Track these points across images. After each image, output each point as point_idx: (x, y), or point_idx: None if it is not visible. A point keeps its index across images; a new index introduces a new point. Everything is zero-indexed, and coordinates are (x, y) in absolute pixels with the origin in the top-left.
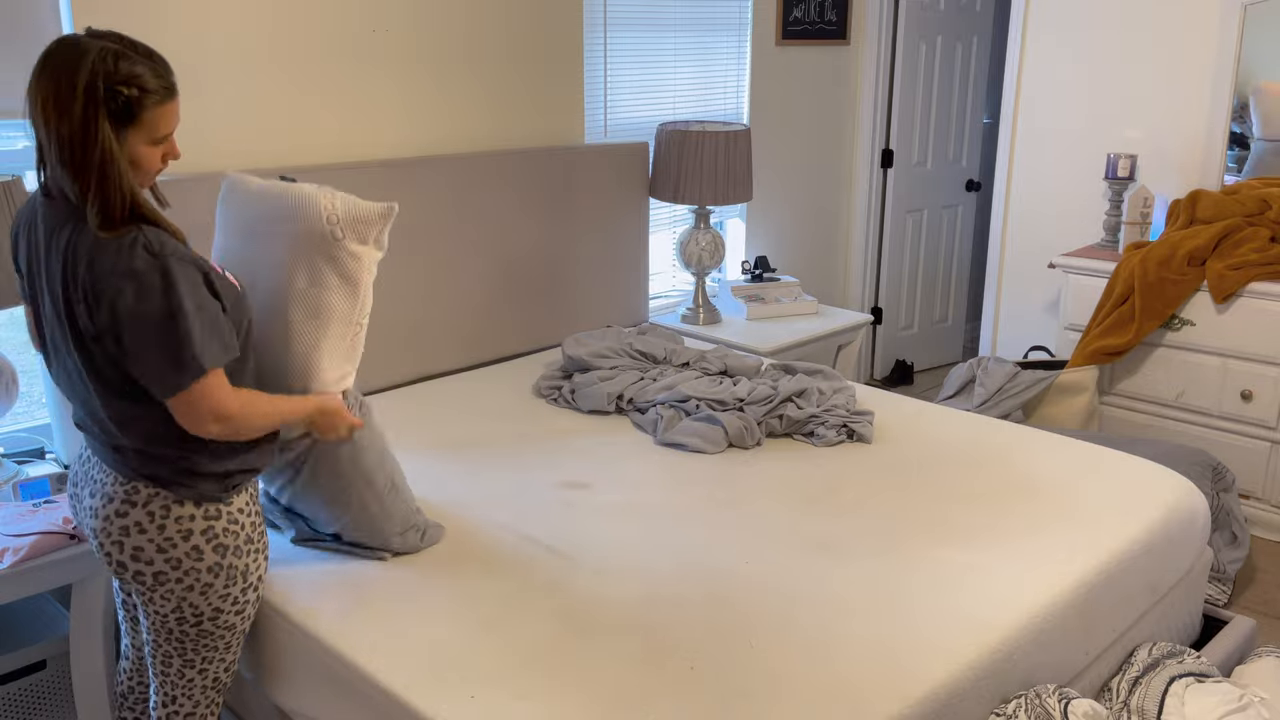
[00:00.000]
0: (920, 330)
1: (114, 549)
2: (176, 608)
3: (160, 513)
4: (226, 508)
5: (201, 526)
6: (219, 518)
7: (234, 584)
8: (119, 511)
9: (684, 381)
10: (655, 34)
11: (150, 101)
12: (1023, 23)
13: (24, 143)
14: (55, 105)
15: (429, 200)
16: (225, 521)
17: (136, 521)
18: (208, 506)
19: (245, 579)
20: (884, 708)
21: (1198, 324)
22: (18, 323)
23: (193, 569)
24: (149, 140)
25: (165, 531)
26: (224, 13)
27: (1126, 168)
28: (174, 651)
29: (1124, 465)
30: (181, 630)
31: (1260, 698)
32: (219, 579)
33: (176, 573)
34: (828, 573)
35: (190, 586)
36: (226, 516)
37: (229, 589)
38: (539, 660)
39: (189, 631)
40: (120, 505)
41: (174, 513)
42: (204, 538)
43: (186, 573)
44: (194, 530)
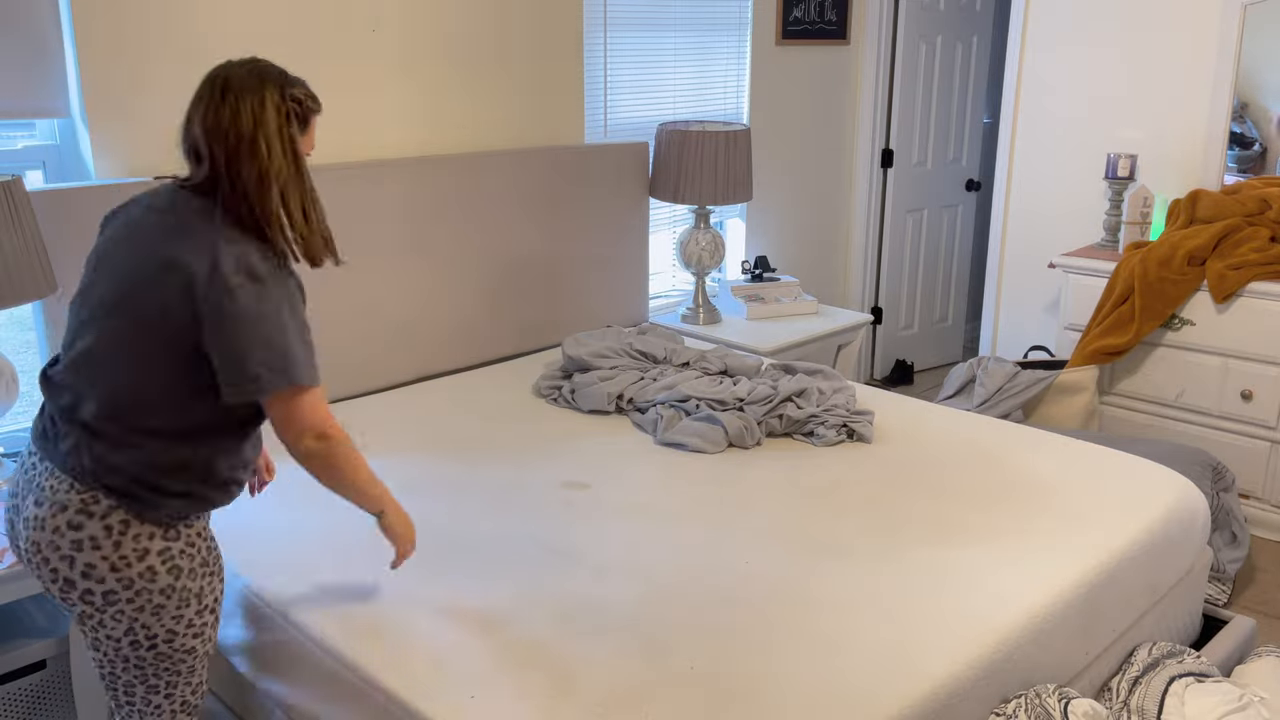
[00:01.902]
0: (920, 330)
1: (62, 564)
2: (129, 629)
3: (119, 528)
4: (186, 530)
5: (159, 547)
6: (177, 539)
7: (186, 606)
8: (72, 523)
9: (684, 381)
10: (655, 34)
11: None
12: (1023, 23)
13: (24, 143)
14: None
15: (429, 200)
16: (183, 544)
17: (91, 536)
18: (168, 528)
19: (200, 601)
20: (884, 708)
21: (1198, 324)
22: (18, 322)
23: (144, 589)
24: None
25: (121, 549)
26: (224, 13)
27: (1126, 168)
28: (136, 679)
29: (1124, 465)
30: (138, 655)
31: (1260, 697)
32: (171, 600)
33: (128, 593)
34: (828, 572)
35: (141, 608)
36: (185, 539)
37: (182, 611)
38: (539, 660)
39: (145, 656)
40: (74, 516)
41: (132, 529)
42: (160, 559)
43: (138, 593)
44: (150, 550)
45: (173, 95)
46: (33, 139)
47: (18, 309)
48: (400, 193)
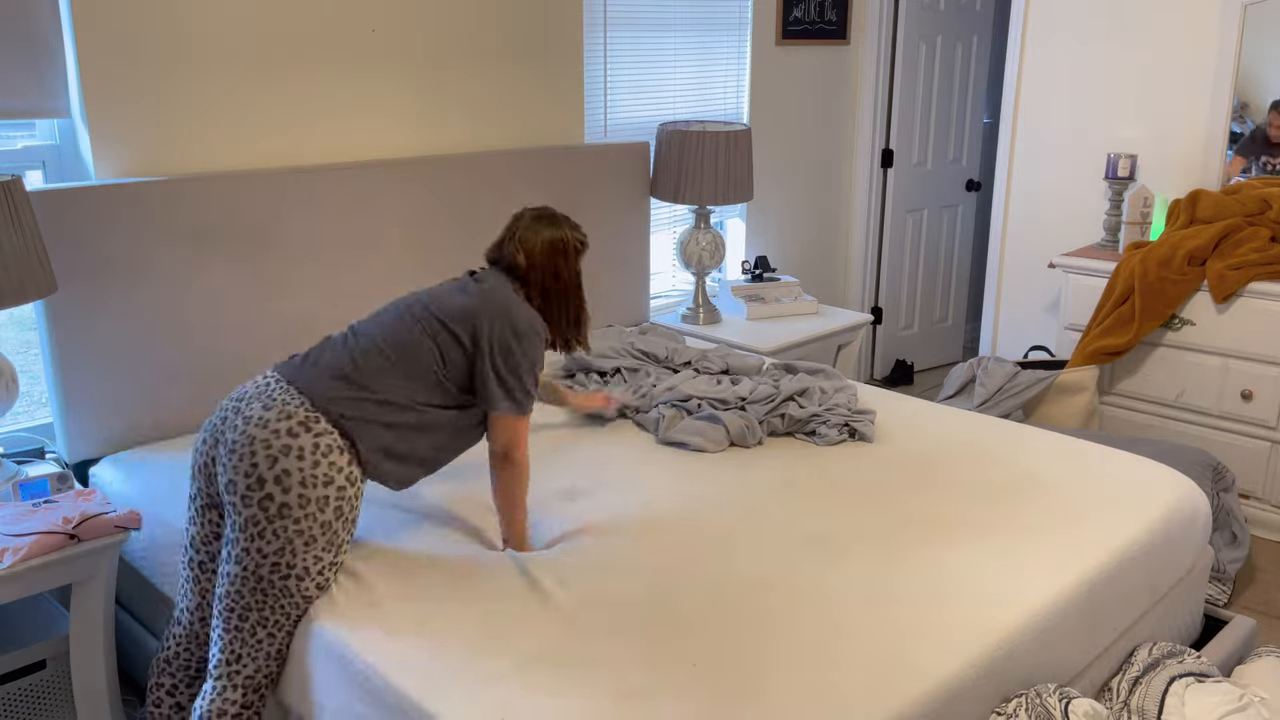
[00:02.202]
0: (920, 330)
1: (264, 462)
2: (279, 549)
3: (324, 448)
4: (362, 486)
5: (341, 482)
6: (354, 483)
7: (329, 551)
8: (291, 430)
9: (685, 381)
10: (655, 34)
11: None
12: (1023, 23)
13: (24, 143)
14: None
15: (429, 200)
16: (355, 490)
17: (300, 446)
18: (354, 471)
19: (337, 551)
20: (884, 707)
21: (1198, 324)
22: (18, 323)
23: (314, 514)
24: None
25: (318, 467)
26: (224, 13)
27: (1126, 168)
28: (253, 604)
29: (1124, 465)
30: (270, 580)
31: (1260, 698)
32: (322, 537)
33: (301, 511)
34: (829, 571)
35: (300, 532)
36: (356, 489)
37: (324, 554)
38: (541, 658)
39: (276, 583)
40: (295, 425)
41: (332, 456)
42: (336, 492)
43: (307, 515)
44: (335, 480)
45: (172, 95)
46: (33, 139)
47: (18, 309)
48: (400, 193)
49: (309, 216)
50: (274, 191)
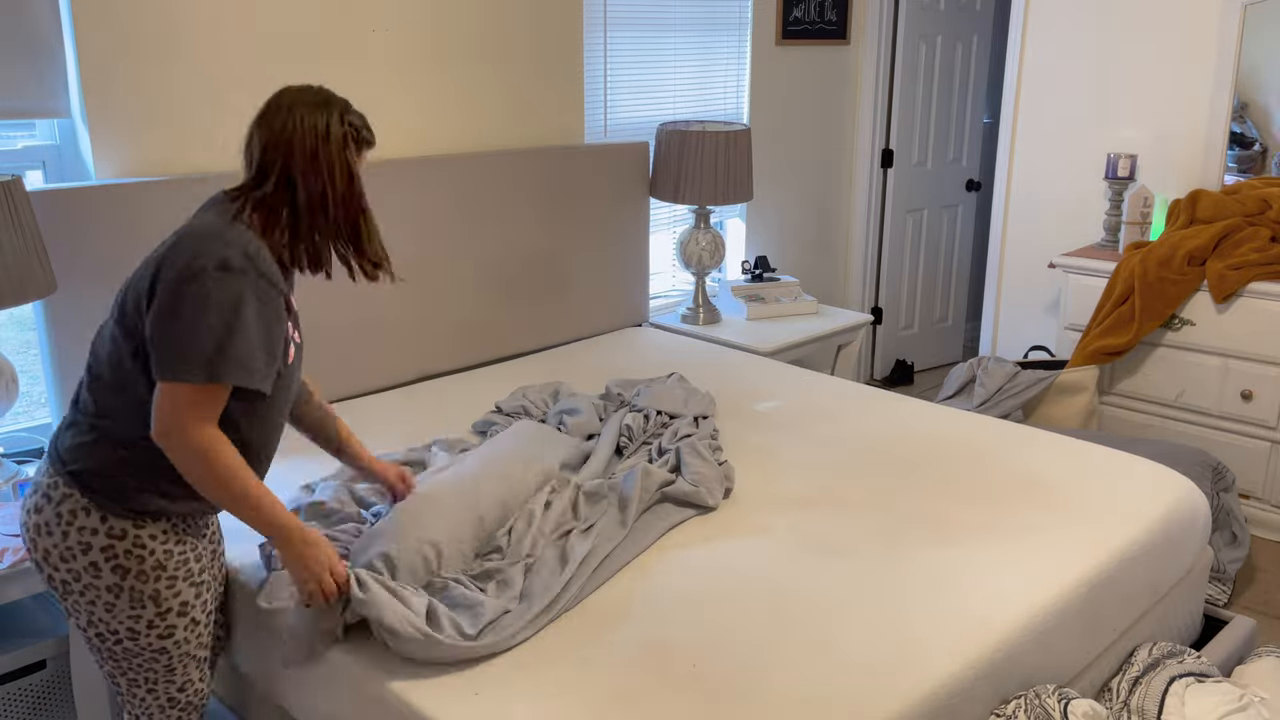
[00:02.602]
0: (920, 330)
1: (30, 545)
2: (90, 622)
3: (68, 517)
4: (136, 531)
5: (102, 543)
6: (123, 538)
7: (142, 608)
8: (36, 506)
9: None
10: (655, 34)
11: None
12: (1023, 23)
13: (24, 143)
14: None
15: (429, 200)
16: (129, 544)
17: (46, 522)
18: (112, 524)
19: (158, 605)
20: (884, 708)
21: (1198, 324)
22: (18, 323)
23: (91, 585)
24: None
25: (69, 539)
26: (224, 13)
27: (1126, 168)
28: (115, 670)
29: (1124, 465)
30: (106, 648)
31: (1260, 698)
32: (121, 599)
33: (79, 585)
34: (828, 572)
35: (93, 601)
36: (132, 539)
37: (138, 611)
38: (541, 659)
39: (114, 649)
40: (39, 499)
41: (78, 521)
42: (103, 555)
43: (87, 587)
44: (93, 545)
45: (172, 95)
46: (33, 139)
47: (18, 309)
48: (400, 193)
49: None
50: None
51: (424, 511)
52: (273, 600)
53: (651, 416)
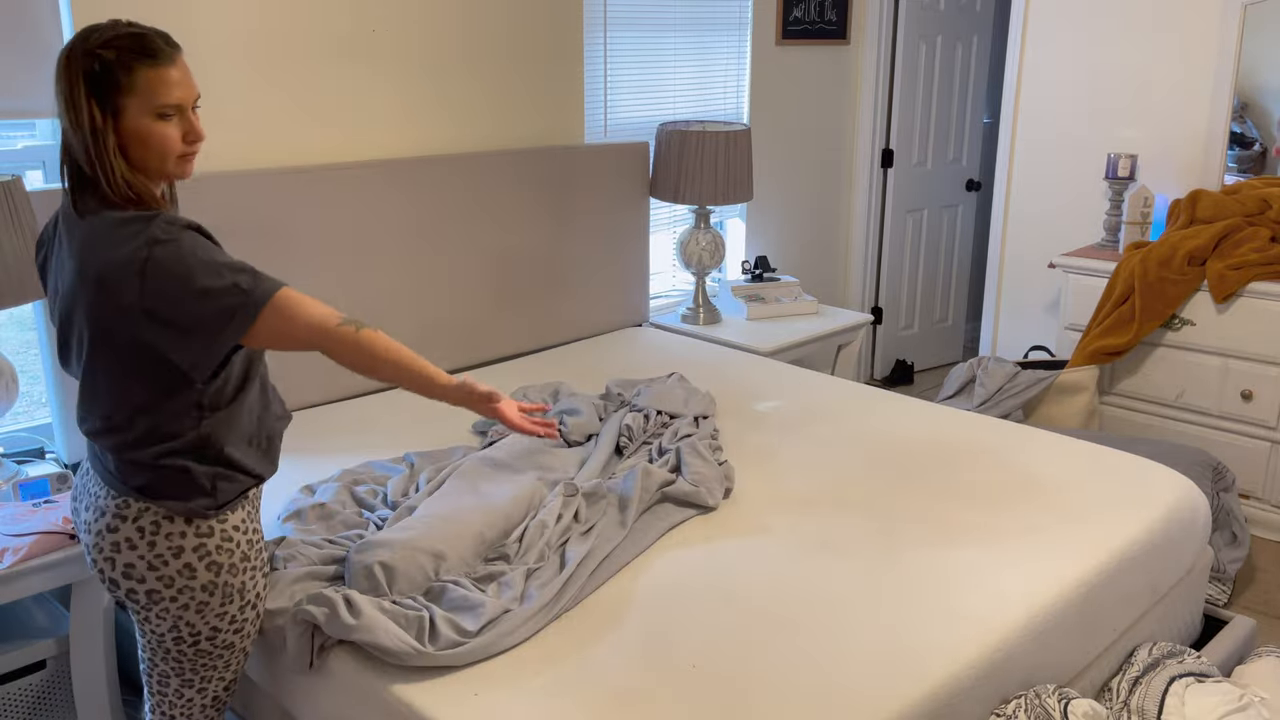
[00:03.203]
0: (920, 330)
1: (106, 565)
2: (173, 627)
3: (150, 529)
4: (220, 525)
5: (193, 544)
6: (211, 535)
7: (230, 602)
8: (110, 526)
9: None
10: (655, 34)
11: (136, 65)
12: (1023, 23)
13: (24, 143)
14: (59, 94)
15: (429, 200)
16: (218, 539)
17: (127, 537)
18: (199, 523)
19: (243, 596)
20: (884, 707)
21: (1198, 324)
22: (18, 322)
23: (186, 587)
24: (150, 112)
25: (156, 549)
26: (224, 13)
27: (1126, 168)
28: (171, 671)
29: (1124, 465)
30: (179, 650)
31: (1260, 698)
32: (214, 597)
33: (170, 590)
34: (828, 572)
35: (185, 605)
36: (220, 534)
37: (226, 607)
38: (541, 659)
39: (186, 651)
40: (111, 520)
41: (164, 529)
42: (196, 555)
43: (181, 591)
44: (185, 548)
45: None
46: (33, 139)
47: (18, 309)
48: (400, 193)
49: (309, 216)
50: (274, 191)
51: (423, 523)
52: (274, 601)
53: (651, 416)
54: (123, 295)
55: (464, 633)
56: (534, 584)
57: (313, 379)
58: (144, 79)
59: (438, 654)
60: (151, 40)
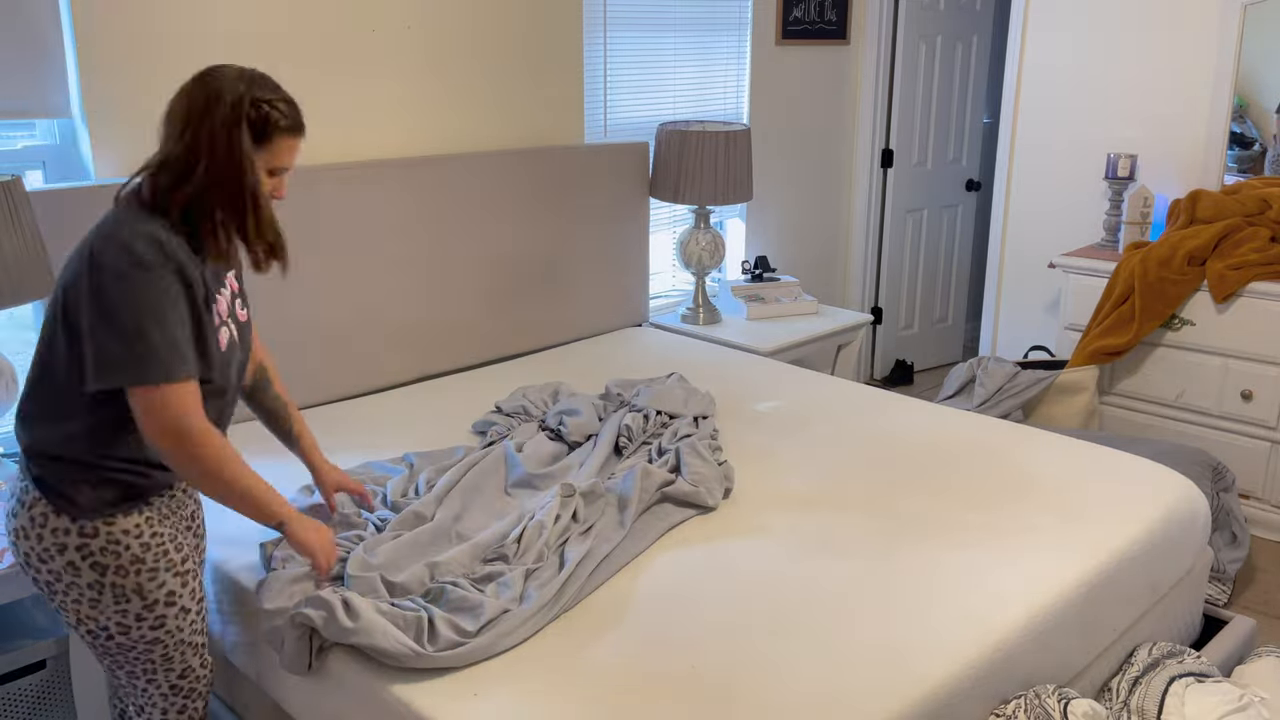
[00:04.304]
0: (920, 330)
1: (12, 551)
2: (79, 620)
3: (40, 519)
4: (106, 528)
5: (76, 543)
6: (95, 536)
7: (127, 602)
8: (13, 510)
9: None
10: (655, 34)
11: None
12: (1023, 23)
13: (24, 143)
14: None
15: (429, 200)
16: (103, 541)
17: (22, 526)
18: (83, 524)
19: (143, 597)
20: (884, 708)
21: (1198, 324)
22: (18, 323)
23: (73, 584)
24: (266, 167)
25: (44, 541)
26: (223, 13)
27: (1126, 168)
28: (113, 664)
29: (1124, 465)
30: (95, 644)
31: (1260, 698)
32: (104, 596)
33: (60, 584)
34: (827, 572)
35: (78, 600)
36: (105, 536)
37: (124, 606)
38: (540, 659)
39: (107, 645)
40: (14, 504)
41: (50, 523)
42: (78, 554)
43: (69, 586)
44: (68, 545)
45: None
46: (33, 139)
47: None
48: (400, 193)
49: (308, 216)
50: None
51: (420, 538)
52: (273, 601)
53: (651, 417)
54: (75, 271)
55: (463, 633)
56: (533, 584)
57: (311, 379)
58: (284, 144)
59: (437, 655)
60: (300, 114)
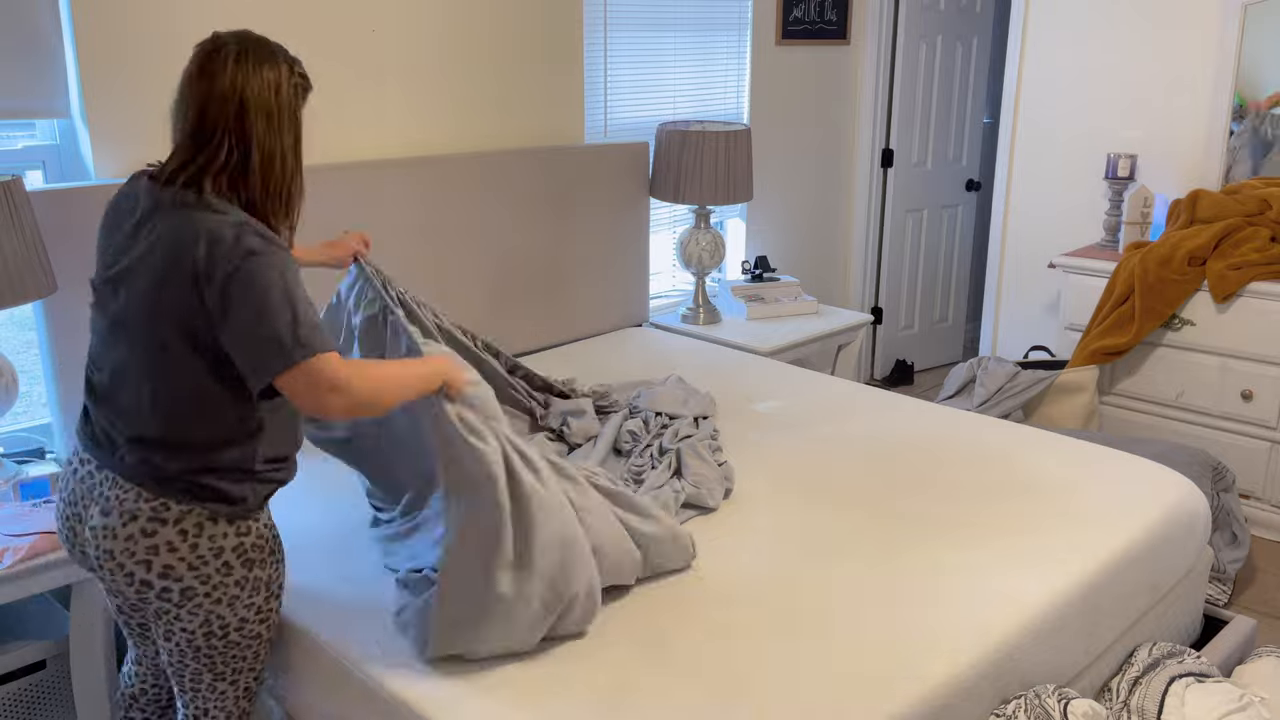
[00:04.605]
0: (920, 330)
1: (138, 568)
2: (204, 622)
3: (194, 530)
4: (256, 524)
5: (233, 543)
6: (249, 534)
7: (258, 594)
8: (145, 530)
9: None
10: (655, 34)
11: (309, 91)
12: (1023, 23)
13: (24, 143)
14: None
15: (429, 200)
16: (254, 537)
17: (168, 540)
18: (240, 524)
19: (268, 588)
20: (884, 707)
21: (1198, 324)
22: (18, 323)
23: (221, 583)
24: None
25: (198, 550)
26: (222, 13)
27: (1126, 168)
28: (204, 668)
29: (1124, 465)
30: (210, 645)
31: (1260, 698)
32: (244, 591)
33: (205, 587)
34: (828, 572)
35: (218, 600)
36: (255, 532)
37: (253, 599)
38: (540, 659)
39: (217, 645)
40: (146, 524)
41: (207, 530)
42: (235, 554)
43: (215, 587)
44: (225, 547)
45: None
46: (33, 139)
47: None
48: (400, 193)
49: (308, 216)
50: None
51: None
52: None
53: (650, 420)
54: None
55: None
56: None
57: None
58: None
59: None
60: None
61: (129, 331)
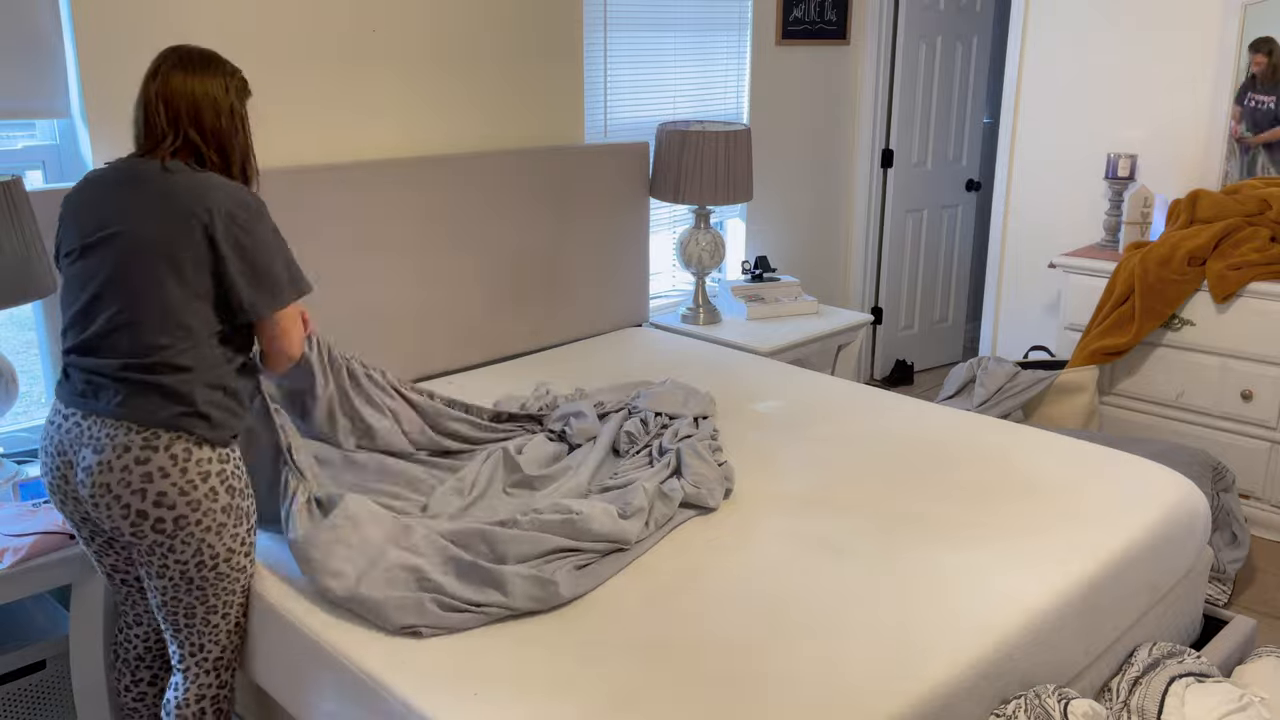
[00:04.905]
0: (920, 330)
1: (134, 498)
2: (196, 551)
3: (183, 455)
4: (232, 452)
5: (217, 468)
6: (228, 461)
7: (241, 524)
8: (139, 459)
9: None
10: (655, 34)
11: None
12: (1023, 23)
13: (24, 143)
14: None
15: (429, 200)
16: (232, 465)
17: (160, 466)
18: (221, 450)
19: (248, 520)
20: (884, 708)
21: (1198, 324)
22: (18, 323)
23: (210, 509)
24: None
25: (188, 474)
26: (222, 13)
27: (1126, 168)
28: (196, 601)
29: (1124, 465)
30: (201, 576)
31: (1260, 698)
32: (230, 518)
33: (196, 514)
34: (828, 573)
35: (208, 528)
36: (233, 460)
37: (238, 529)
38: (540, 659)
39: (208, 576)
40: (140, 452)
41: (195, 455)
42: (219, 479)
43: (205, 513)
44: (211, 472)
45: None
46: (33, 139)
47: (18, 309)
48: (400, 193)
49: (308, 216)
50: (273, 192)
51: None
52: None
53: (650, 420)
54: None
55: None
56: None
57: None
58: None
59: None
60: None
61: (124, 279)
